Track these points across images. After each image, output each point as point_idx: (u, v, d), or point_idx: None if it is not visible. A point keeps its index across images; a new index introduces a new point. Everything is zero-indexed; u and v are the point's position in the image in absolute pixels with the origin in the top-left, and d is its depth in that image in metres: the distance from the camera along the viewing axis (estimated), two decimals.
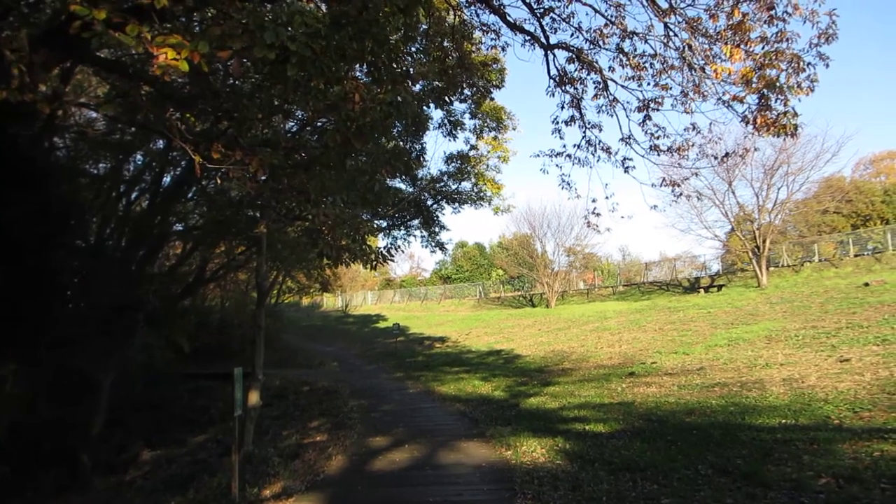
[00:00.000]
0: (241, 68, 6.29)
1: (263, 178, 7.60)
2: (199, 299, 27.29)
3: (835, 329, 16.14)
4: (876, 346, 13.09)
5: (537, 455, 8.85)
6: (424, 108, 17.90)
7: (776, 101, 8.50)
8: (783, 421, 8.85)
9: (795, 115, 8.51)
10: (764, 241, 35.51)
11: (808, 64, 8.27)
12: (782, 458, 7.02)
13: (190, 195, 18.34)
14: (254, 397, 11.11)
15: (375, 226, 24.47)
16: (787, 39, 8.36)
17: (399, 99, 6.92)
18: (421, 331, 35.65)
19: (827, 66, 8.41)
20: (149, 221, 17.08)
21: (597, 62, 10.79)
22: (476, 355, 23.89)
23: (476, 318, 40.47)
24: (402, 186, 25.00)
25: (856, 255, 37.80)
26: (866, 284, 24.54)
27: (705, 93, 9.42)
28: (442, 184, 26.22)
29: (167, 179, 18.02)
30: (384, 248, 11.04)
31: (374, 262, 9.32)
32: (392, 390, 17.50)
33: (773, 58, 8.22)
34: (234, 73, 6.47)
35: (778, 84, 8.27)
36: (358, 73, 7.80)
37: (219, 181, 13.43)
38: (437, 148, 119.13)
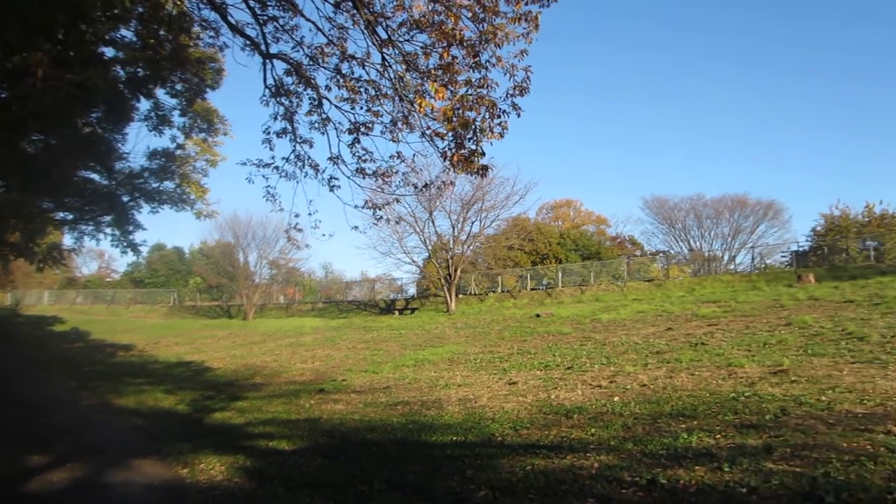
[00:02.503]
0: None
1: None
2: None
3: (508, 354, 17.86)
4: (539, 371, 14.71)
5: (216, 473, 8.43)
6: (128, 96, 16.53)
7: (469, 142, 9.22)
8: (455, 438, 9.46)
9: (483, 155, 9.29)
10: (456, 270, 38.27)
11: (503, 111, 9.11)
12: (450, 472, 7.47)
13: None
14: None
15: (58, 218, 21.97)
16: (488, 86, 9.13)
17: (91, 83, 6.26)
18: (104, 337, 32.46)
19: (518, 115, 9.29)
20: None
21: (314, 79, 10.84)
22: (163, 366, 22.32)
23: (168, 326, 37.99)
24: (95, 177, 22.71)
25: (532, 289, 42.34)
26: (538, 315, 27.56)
27: (413, 125, 9.92)
28: (142, 180, 24.23)
29: None
30: (63, 246, 9.84)
31: (42, 265, 8.28)
32: (63, 401, 15.61)
33: (474, 101, 8.93)
34: None
35: (473, 126, 8.99)
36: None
37: None
38: (138, 141, 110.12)
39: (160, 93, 18.71)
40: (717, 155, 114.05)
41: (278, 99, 11.19)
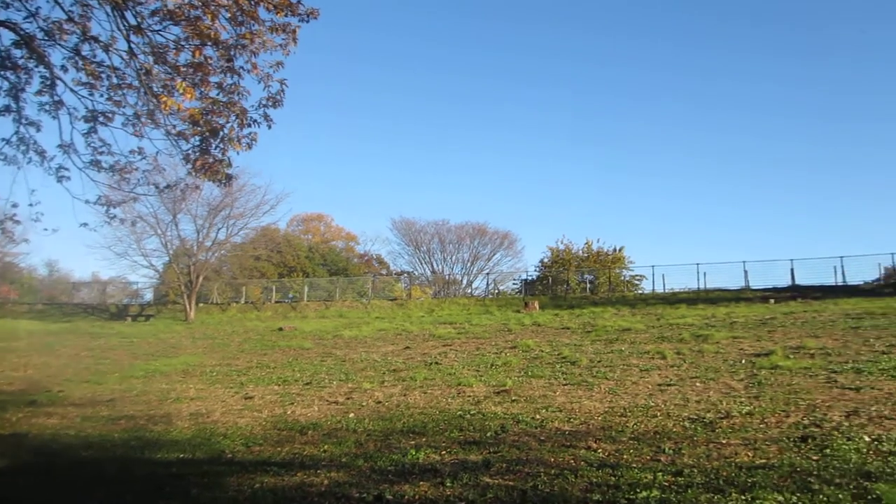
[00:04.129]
0: None
1: None
2: None
3: (246, 367, 17.39)
4: (277, 386, 14.50)
5: None
6: None
7: (215, 149, 8.89)
8: (182, 455, 8.98)
9: (230, 165, 9.02)
10: (198, 277, 36.54)
11: (254, 121, 8.91)
12: (173, 492, 7.08)
13: None
14: None
15: None
16: (241, 93, 8.88)
17: None
18: None
19: (270, 127, 9.11)
20: None
21: (48, 56, 9.76)
22: None
23: None
24: None
25: (277, 302, 41.65)
26: (280, 329, 27.17)
27: (158, 121, 9.33)
28: None
29: None
30: None
31: None
32: None
33: (224, 107, 8.65)
34: None
35: (222, 133, 8.70)
36: None
37: None
38: None
39: None
40: (464, 183, 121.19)
41: (4, 73, 9.92)
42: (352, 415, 11.18)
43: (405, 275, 56.88)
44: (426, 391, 13.04)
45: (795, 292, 34.12)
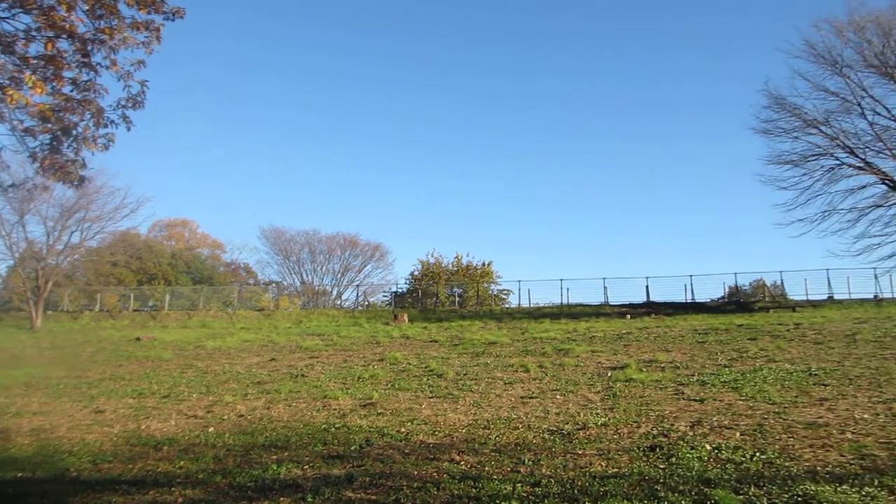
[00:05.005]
0: None
1: None
2: None
3: (98, 380, 16.40)
4: (132, 399, 13.77)
5: None
6: None
7: (68, 148, 8.37)
8: (20, 474, 8.35)
9: (84, 165, 8.51)
10: (47, 283, 34.20)
11: (112, 122, 8.46)
12: None
13: None
14: None
15: None
16: (97, 91, 8.39)
17: None
18: None
19: (129, 129, 8.65)
20: None
21: None
22: None
23: None
24: None
25: (136, 310, 39.63)
26: (138, 339, 25.86)
27: (3, 115, 8.65)
28: None
29: None
30: None
31: None
32: None
33: (78, 104, 8.15)
34: None
35: (75, 132, 8.20)
36: None
37: None
38: None
39: None
40: (337, 194, 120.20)
41: None
42: (211, 429, 10.80)
43: (273, 285, 55.64)
44: (291, 404, 12.81)
45: (650, 308, 36.29)
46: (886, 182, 33.52)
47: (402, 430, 10.20)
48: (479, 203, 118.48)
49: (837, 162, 34.68)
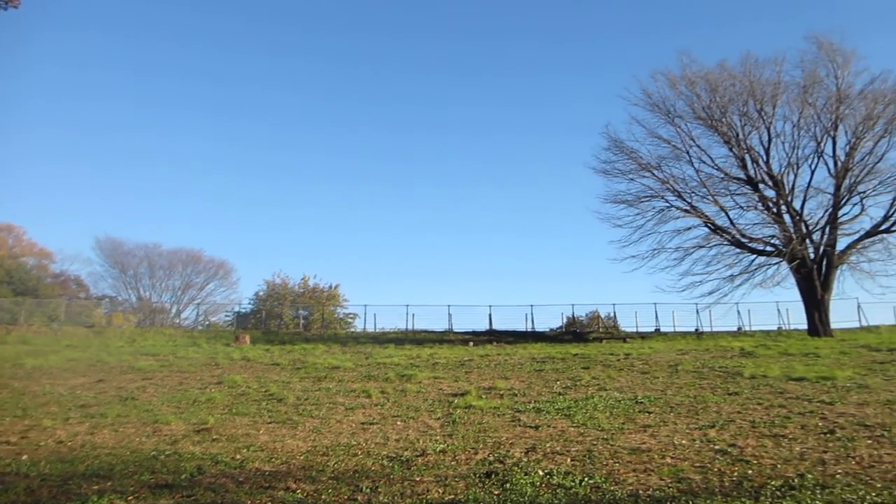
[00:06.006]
0: None
1: None
2: None
3: None
4: None
5: None
6: None
7: None
8: None
9: None
10: None
11: None
12: None
13: None
14: None
15: None
16: None
17: None
18: None
19: None
20: None
21: None
22: None
23: None
24: None
25: None
26: None
27: None
28: None
29: None
30: None
31: None
32: None
33: None
34: None
35: None
36: None
37: None
38: None
39: None
40: (179, 205, 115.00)
41: None
42: (25, 456, 9.95)
43: (107, 300, 52.20)
44: (117, 429, 12.05)
45: (492, 336, 37.45)
46: (708, 225, 37.03)
47: (238, 457, 9.89)
48: (328, 226, 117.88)
49: (667, 204, 37.93)
